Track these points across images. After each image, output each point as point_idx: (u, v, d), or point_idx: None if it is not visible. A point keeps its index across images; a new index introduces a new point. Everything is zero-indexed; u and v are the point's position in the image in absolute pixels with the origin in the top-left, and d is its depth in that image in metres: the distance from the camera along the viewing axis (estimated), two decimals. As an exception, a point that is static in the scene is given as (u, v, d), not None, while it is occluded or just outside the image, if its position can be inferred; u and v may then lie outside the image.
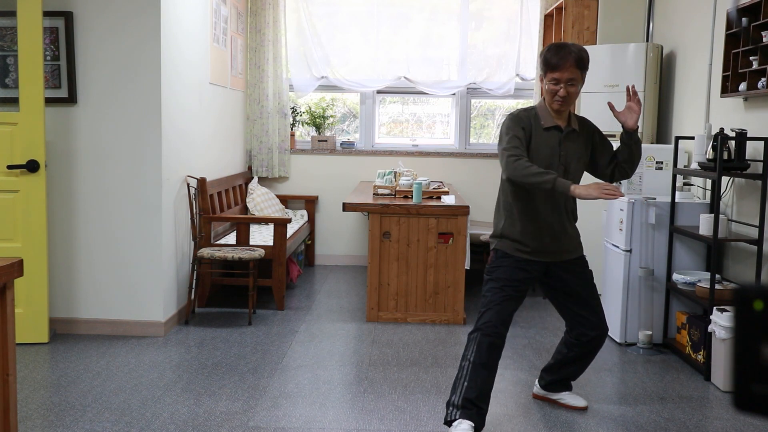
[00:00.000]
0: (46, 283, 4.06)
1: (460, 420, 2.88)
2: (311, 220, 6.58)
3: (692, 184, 4.57)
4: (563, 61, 2.86)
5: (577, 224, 3.11)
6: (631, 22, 5.50)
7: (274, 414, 3.19)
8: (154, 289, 4.29)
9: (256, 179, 6.28)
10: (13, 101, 3.99)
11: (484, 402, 2.93)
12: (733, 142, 3.81)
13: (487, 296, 2.99)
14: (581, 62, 2.90)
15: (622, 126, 2.97)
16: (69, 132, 4.22)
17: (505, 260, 3.01)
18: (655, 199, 4.27)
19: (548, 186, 2.74)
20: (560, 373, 3.32)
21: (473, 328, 2.98)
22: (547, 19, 6.20)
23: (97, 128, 4.22)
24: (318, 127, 6.78)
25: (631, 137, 2.96)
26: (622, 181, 4.40)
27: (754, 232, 3.80)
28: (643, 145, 4.61)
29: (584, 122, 3.09)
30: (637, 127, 2.95)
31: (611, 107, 2.98)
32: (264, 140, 6.46)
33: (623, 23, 5.49)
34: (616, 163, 3.05)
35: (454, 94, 6.68)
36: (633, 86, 2.96)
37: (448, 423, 2.93)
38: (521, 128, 2.95)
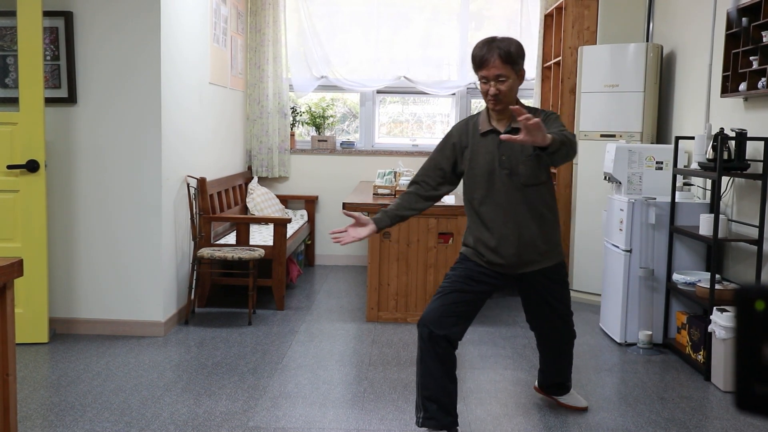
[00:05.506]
0: (46, 283, 4.06)
1: (424, 430, 2.83)
2: (311, 220, 6.58)
3: (692, 184, 4.57)
4: (488, 56, 2.68)
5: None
6: (631, 22, 5.50)
7: (274, 414, 3.19)
8: (154, 289, 4.29)
9: (256, 179, 6.28)
10: (13, 101, 3.99)
11: (445, 396, 2.80)
12: (733, 142, 3.80)
13: (437, 291, 2.90)
14: (508, 56, 2.68)
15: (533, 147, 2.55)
16: (69, 132, 4.22)
17: (466, 263, 2.93)
18: (655, 199, 4.27)
19: None
20: (549, 375, 3.31)
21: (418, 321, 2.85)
22: (547, 19, 6.20)
23: (97, 128, 4.22)
24: (318, 127, 6.78)
25: (545, 152, 2.54)
26: (622, 182, 4.41)
27: (754, 232, 3.80)
28: (643, 145, 4.64)
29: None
30: (548, 141, 2.44)
31: (509, 140, 2.50)
32: (264, 140, 6.45)
33: (623, 23, 5.48)
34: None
35: (454, 94, 6.68)
36: (517, 108, 2.44)
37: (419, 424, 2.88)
38: (451, 145, 2.98)
